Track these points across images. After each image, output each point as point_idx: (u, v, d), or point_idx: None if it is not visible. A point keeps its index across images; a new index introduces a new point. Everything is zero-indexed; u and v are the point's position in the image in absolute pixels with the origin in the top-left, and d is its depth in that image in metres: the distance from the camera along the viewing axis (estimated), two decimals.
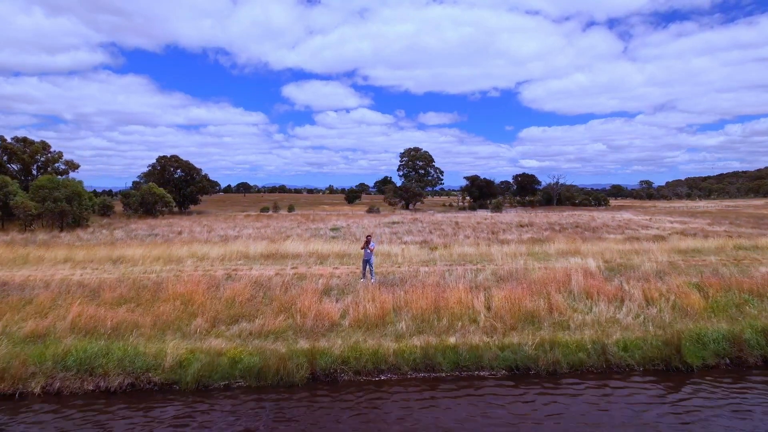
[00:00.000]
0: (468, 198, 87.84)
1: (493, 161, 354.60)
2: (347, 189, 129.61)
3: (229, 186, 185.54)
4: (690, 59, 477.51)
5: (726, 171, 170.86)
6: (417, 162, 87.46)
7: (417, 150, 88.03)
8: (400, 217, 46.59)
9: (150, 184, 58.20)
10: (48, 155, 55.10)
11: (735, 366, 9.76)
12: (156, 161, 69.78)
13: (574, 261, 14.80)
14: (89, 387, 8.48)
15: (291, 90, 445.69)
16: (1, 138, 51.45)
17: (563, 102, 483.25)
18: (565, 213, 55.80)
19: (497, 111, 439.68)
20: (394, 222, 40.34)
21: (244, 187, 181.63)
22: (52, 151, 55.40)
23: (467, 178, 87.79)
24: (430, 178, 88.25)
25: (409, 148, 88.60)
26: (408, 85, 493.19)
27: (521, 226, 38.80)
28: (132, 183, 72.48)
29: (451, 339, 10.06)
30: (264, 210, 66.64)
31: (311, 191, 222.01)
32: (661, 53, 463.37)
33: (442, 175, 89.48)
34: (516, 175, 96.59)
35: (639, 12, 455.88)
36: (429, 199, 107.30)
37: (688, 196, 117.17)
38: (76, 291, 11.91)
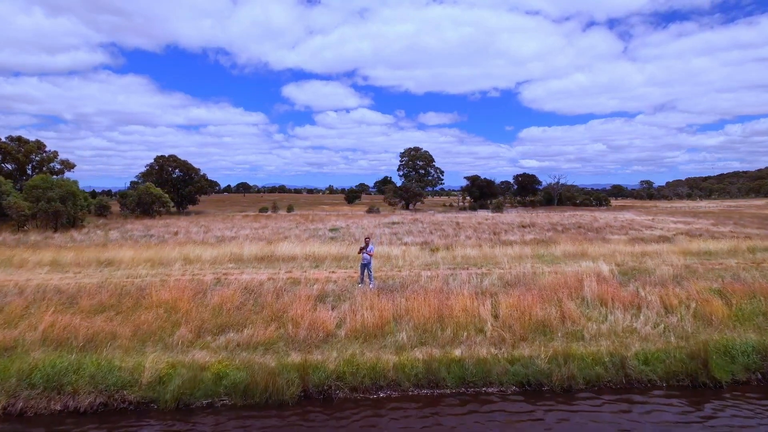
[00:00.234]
0: (468, 198, 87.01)
1: (493, 161, 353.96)
2: (347, 189, 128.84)
3: (229, 186, 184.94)
4: (690, 59, 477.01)
5: (726, 171, 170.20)
6: (417, 162, 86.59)
7: (417, 150, 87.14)
8: (400, 218, 45.87)
9: (147, 184, 57.41)
10: (43, 155, 54.26)
11: (767, 382, 8.96)
12: (154, 161, 68.95)
13: (585, 265, 13.97)
14: (56, 407, 7.66)
15: (291, 90, 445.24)
16: None
17: (563, 102, 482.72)
18: (567, 213, 55.07)
19: (497, 111, 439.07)
20: (394, 222, 39.67)
21: (243, 187, 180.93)
22: (47, 151, 54.56)
23: (467, 178, 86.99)
24: (430, 178, 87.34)
25: (409, 147, 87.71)
26: (408, 85, 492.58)
27: (523, 226, 38.14)
28: (130, 183, 71.64)
29: (456, 351, 9.24)
30: (263, 210, 65.91)
31: (311, 191, 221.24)
32: (661, 53, 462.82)
33: (442, 175, 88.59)
34: (516, 175, 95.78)
35: (639, 12, 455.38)
36: (429, 199, 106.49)
37: (688, 196, 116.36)
38: (52, 297, 11.10)
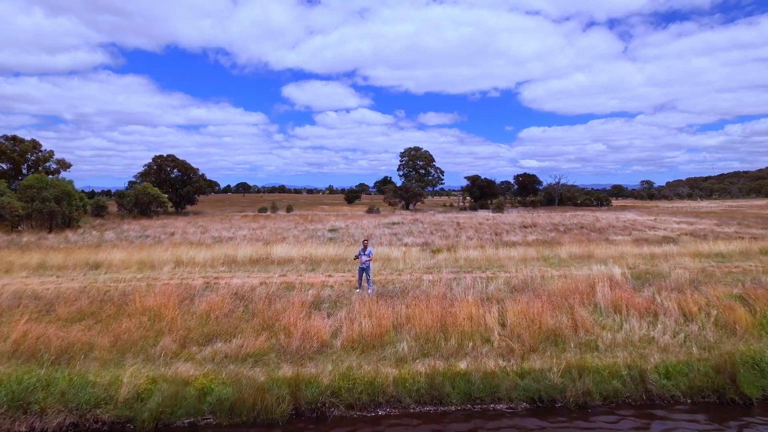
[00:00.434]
0: (468, 198, 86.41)
1: (493, 161, 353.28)
2: (347, 189, 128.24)
3: (229, 186, 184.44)
4: (690, 59, 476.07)
5: (726, 171, 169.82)
6: (417, 162, 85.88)
7: (417, 149, 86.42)
8: (400, 218, 45.23)
9: (145, 184, 56.75)
10: (39, 154, 53.61)
11: None
12: (152, 161, 68.29)
13: (597, 269, 13.24)
14: (21, 428, 6.95)
15: (291, 90, 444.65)
16: None
17: (563, 102, 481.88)
18: (568, 213, 54.54)
19: (497, 111, 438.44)
20: (394, 223, 39.05)
21: (243, 188, 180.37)
22: (42, 150, 53.91)
23: (468, 178, 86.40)
24: (430, 177, 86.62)
25: (409, 147, 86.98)
26: (408, 85, 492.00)
27: (525, 226, 37.59)
28: (128, 183, 70.94)
29: (462, 364, 8.54)
30: (262, 210, 65.28)
31: (311, 191, 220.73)
32: (661, 53, 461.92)
33: (442, 175, 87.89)
34: (517, 175, 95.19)
35: (639, 12, 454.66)
36: (429, 200, 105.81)
37: (689, 196, 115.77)
38: (28, 304, 10.39)
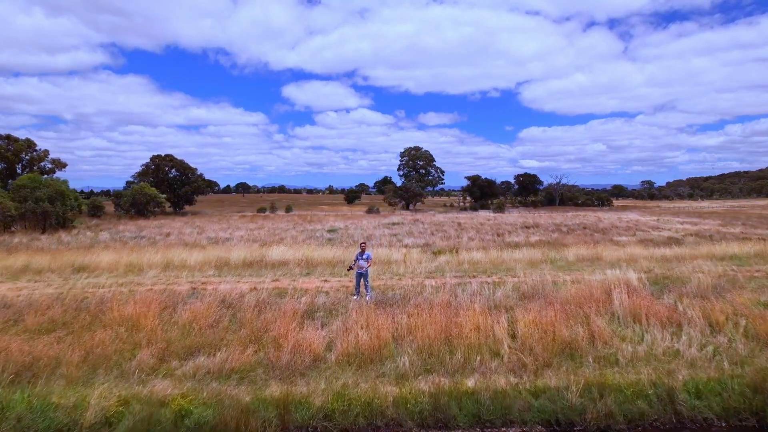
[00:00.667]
0: (469, 198, 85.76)
1: (493, 161, 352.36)
2: (347, 189, 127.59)
3: (228, 186, 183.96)
4: (690, 59, 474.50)
5: (726, 171, 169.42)
6: (417, 161, 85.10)
7: (417, 149, 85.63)
8: (400, 218, 44.47)
9: (142, 183, 56.01)
10: (33, 153, 52.84)
11: None
12: (150, 160, 67.56)
13: (610, 273, 12.40)
14: None
15: (291, 90, 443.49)
16: None
17: (563, 102, 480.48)
18: (570, 214, 53.96)
19: (497, 111, 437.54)
20: (394, 223, 38.31)
21: (243, 188, 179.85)
22: (37, 149, 53.14)
23: (468, 178, 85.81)
24: (430, 177, 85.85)
25: (410, 147, 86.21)
26: (408, 86, 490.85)
27: (526, 227, 36.94)
28: (126, 183, 70.17)
29: (469, 381, 7.71)
30: (261, 210, 64.58)
31: (311, 191, 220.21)
32: (661, 53, 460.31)
33: (443, 175, 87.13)
34: (517, 175, 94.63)
35: (639, 12, 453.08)
36: (429, 200, 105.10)
37: (690, 196, 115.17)
38: None
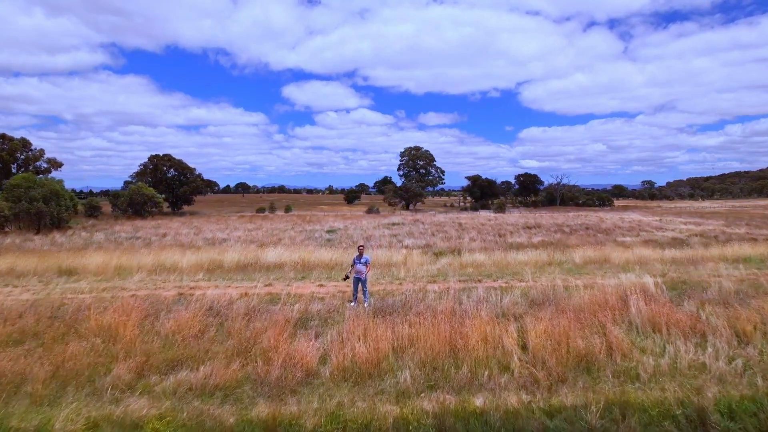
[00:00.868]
0: (469, 198, 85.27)
1: (493, 161, 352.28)
2: (347, 189, 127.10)
3: (228, 186, 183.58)
4: (690, 59, 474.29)
5: (726, 171, 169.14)
6: (417, 161, 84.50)
7: (417, 149, 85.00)
8: (400, 218, 43.81)
9: (139, 183, 55.43)
10: (29, 153, 52.27)
11: None
12: (148, 160, 67.03)
13: (624, 277, 11.68)
14: None
15: (291, 90, 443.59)
16: None
17: (563, 102, 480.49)
18: (571, 214, 53.45)
19: (497, 111, 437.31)
20: (394, 223, 37.66)
21: (243, 188, 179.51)
22: (33, 149, 52.59)
23: (469, 178, 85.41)
24: (431, 177, 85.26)
25: (410, 147, 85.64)
26: (408, 86, 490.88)
27: (528, 227, 36.38)
28: (123, 183, 69.61)
29: (477, 400, 6.97)
30: (260, 210, 64.04)
31: (311, 191, 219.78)
32: (662, 53, 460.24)
33: (443, 175, 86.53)
34: (518, 175, 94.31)
35: (639, 12, 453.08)
36: (429, 200, 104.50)
37: (690, 196, 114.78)
38: None
